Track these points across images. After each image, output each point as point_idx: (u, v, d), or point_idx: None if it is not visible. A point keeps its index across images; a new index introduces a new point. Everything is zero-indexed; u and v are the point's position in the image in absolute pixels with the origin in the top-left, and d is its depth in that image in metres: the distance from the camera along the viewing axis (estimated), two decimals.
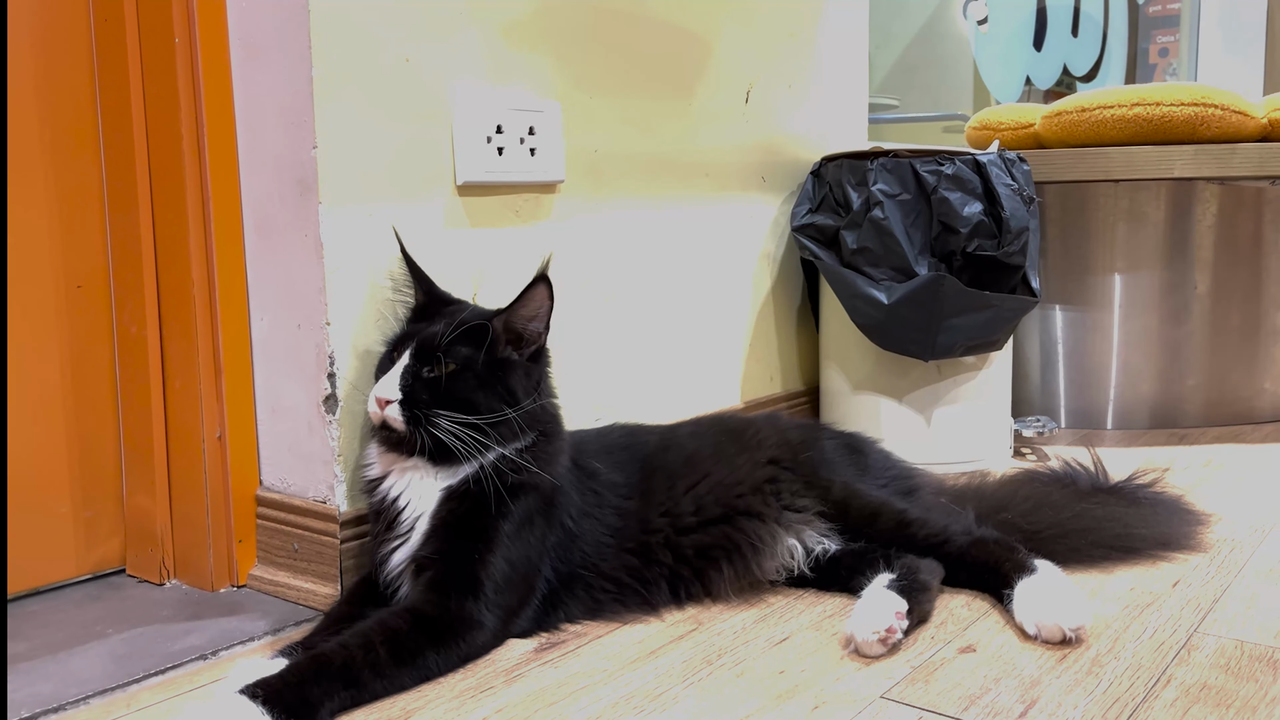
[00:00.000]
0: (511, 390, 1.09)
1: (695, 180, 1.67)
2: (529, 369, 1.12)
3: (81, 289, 1.26)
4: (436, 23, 1.27)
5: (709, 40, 1.67)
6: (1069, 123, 2.02)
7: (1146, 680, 0.98)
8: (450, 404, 1.06)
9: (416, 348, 1.08)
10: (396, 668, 0.96)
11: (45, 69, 1.22)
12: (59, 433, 1.26)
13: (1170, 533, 1.34)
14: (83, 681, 1.03)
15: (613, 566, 1.14)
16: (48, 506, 1.26)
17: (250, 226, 1.25)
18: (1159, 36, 4.66)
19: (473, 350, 1.08)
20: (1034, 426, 1.86)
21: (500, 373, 1.09)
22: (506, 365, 1.10)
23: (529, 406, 1.10)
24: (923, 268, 1.67)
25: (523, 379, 1.11)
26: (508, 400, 1.09)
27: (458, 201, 1.31)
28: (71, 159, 1.25)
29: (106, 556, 1.31)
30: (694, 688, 0.99)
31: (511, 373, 1.10)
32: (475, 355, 1.08)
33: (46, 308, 1.24)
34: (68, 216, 1.25)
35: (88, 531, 1.29)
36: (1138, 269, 2.02)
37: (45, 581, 1.26)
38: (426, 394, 1.06)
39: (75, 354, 1.27)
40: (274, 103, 1.20)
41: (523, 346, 1.12)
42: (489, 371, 1.09)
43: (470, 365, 1.08)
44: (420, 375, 1.07)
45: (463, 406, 1.06)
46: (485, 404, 1.07)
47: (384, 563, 1.08)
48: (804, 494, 1.22)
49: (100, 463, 1.30)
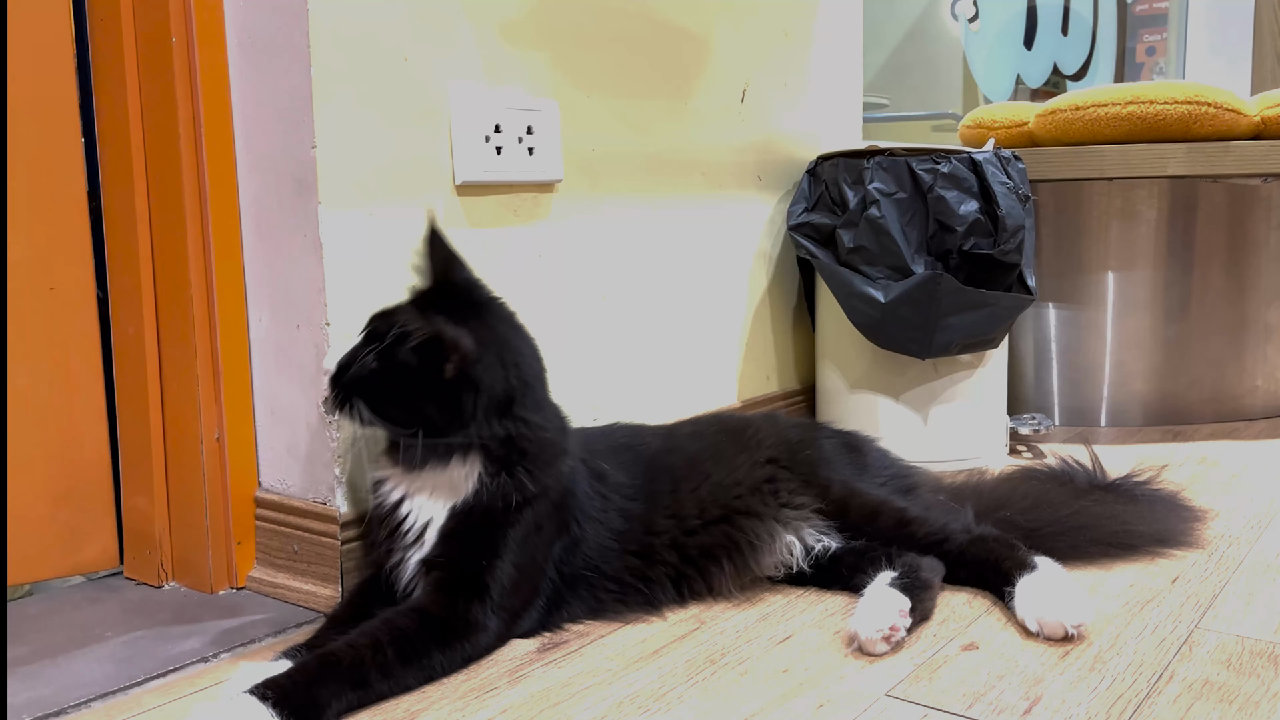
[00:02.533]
0: (427, 412, 1.03)
1: (692, 179, 1.67)
2: (448, 396, 1.03)
3: (54, 291, 1.24)
4: (434, 22, 1.26)
5: (705, 39, 1.67)
6: (1063, 121, 2.03)
7: (1149, 677, 0.99)
8: (370, 400, 1.04)
9: (368, 332, 1.07)
10: (403, 668, 0.96)
11: (38, 69, 1.21)
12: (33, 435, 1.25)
13: (1168, 529, 1.35)
14: (84, 685, 1.02)
15: (616, 568, 1.14)
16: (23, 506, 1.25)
17: (249, 227, 1.24)
18: (1147, 35, 4.69)
19: (409, 355, 1.02)
20: (1029, 424, 1.87)
21: (422, 390, 1.03)
22: (431, 384, 1.03)
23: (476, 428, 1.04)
24: (919, 266, 1.67)
25: (439, 407, 1.03)
26: (422, 418, 1.04)
27: (456, 201, 1.30)
28: (48, 161, 1.23)
29: (91, 559, 1.30)
30: (698, 687, 0.99)
31: (433, 394, 1.03)
32: (409, 361, 1.02)
33: (18, 310, 1.22)
34: (44, 218, 1.23)
35: (69, 533, 1.27)
36: (1132, 267, 2.02)
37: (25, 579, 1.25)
38: (352, 380, 1.05)
39: (51, 357, 1.25)
40: (272, 102, 1.19)
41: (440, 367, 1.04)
42: (413, 383, 1.03)
43: (399, 370, 1.03)
44: (359, 358, 1.05)
45: (377, 408, 1.04)
46: (401, 415, 1.04)
47: (396, 570, 1.07)
48: (802, 492, 1.23)
49: (86, 464, 1.28)
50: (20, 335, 1.22)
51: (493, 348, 1.06)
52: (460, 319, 1.04)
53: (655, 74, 1.59)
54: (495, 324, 1.10)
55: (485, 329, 1.07)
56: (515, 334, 1.12)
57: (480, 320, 1.08)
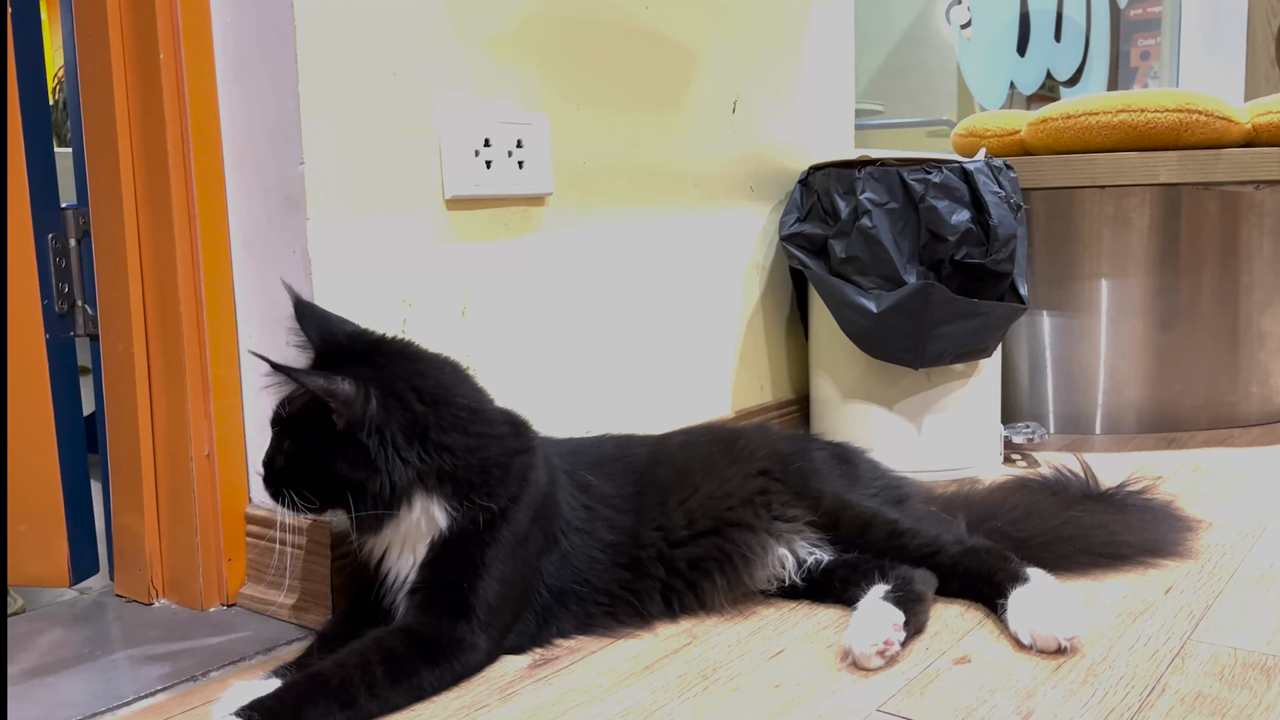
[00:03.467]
0: (337, 476, 1.00)
1: (683, 191, 1.67)
2: (354, 450, 0.99)
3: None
4: (423, 38, 1.26)
5: (695, 51, 1.67)
6: (1055, 129, 2.03)
7: (1141, 690, 0.99)
8: (296, 487, 1.01)
9: (273, 415, 1.04)
10: (392, 687, 0.96)
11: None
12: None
13: (1159, 539, 1.35)
14: (72, 705, 1.02)
15: (605, 580, 1.14)
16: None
17: (238, 243, 1.24)
18: (1140, 40, 4.69)
19: (310, 427, 1.01)
20: (1024, 433, 1.87)
21: (337, 454, 1.00)
22: (326, 451, 1.00)
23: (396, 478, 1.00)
24: (911, 276, 1.67)
25: (351, 464, 0.99)
26: (341, 485, 1.00)
27: (446, 215, 1.30)
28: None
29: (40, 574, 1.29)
30: (690, 703, 0.99)
31: (336, 456, 0.99)
32: (305, 429, 1.01)
33: None
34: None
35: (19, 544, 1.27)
36: (1124, 274, 2.03)
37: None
38: (278, 471, 1.03)
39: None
40: (260, 119, 1.19)
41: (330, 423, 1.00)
42: (316, 448, 1.01)
43: (304, 440, 1.01)
44: (279, 450, 1.03)
45: (304, 493, 1.01)
46: (325, 490, 1.01)
47: (390, 608, 1.07)
48: (794, 504, 1.22)
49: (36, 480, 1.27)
50: None
51: (378, 383, 1.00)
52: (338, 370, 1.00)
53: (646, 86, 1.59)
54: (383, 361, 1.05)
55: (369, 368, 1.02)
56: (409, 362, 1.06)
57: (363, 363, 1.03)
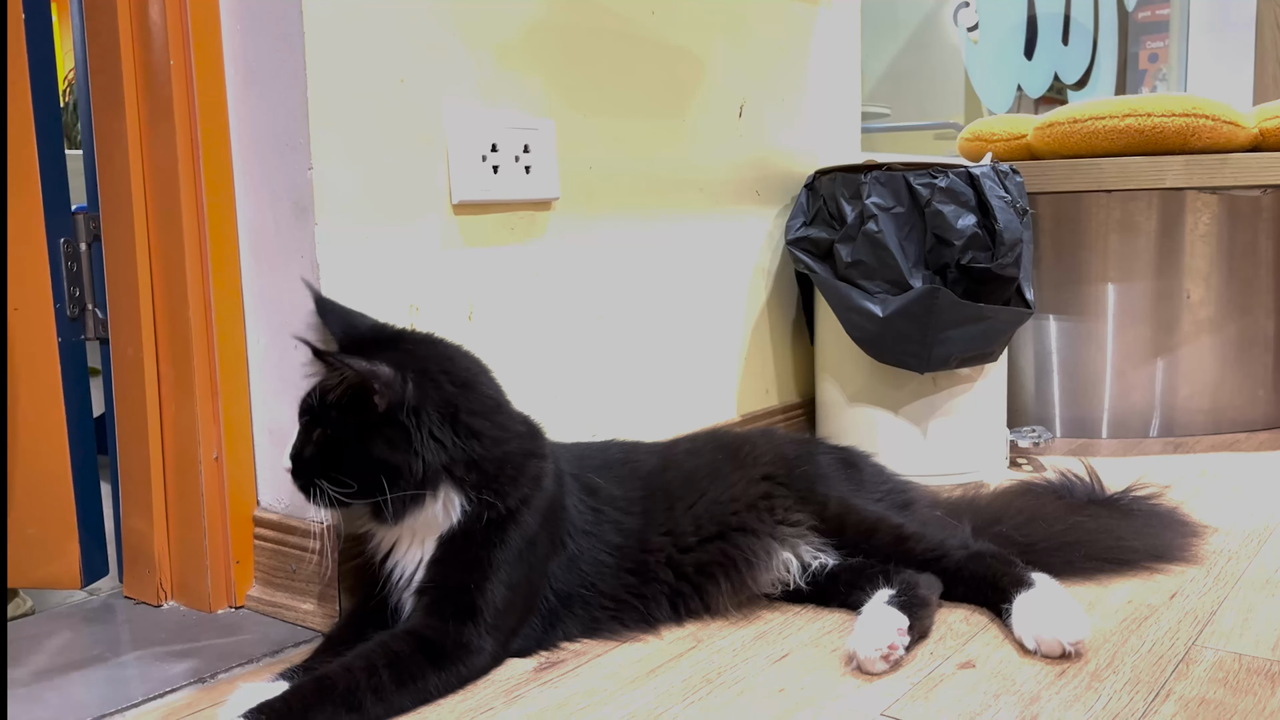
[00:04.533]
0: (387, 461, 1.00)
1: (689, 196, 1.68)
2: (392, 432, 1.01)
3: (18, 311, 1.24)
4: (430, 44, 1.27)
5: (701, 58, 1.67)
6: (1061, 134, 2.03)
7: (1145, 695, 0.99)
8: (330, 476, 1.02)
9: (301, 408, 1.05)
10: (398, 691, 0.96)
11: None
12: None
13: (1164, 544, 1.35)
14: (81, 706, 1.02)
15: (612, 585, 1.14)
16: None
17: (246, 249, 1.25)
18: (1149, 42, 4.69)
19: (344, 415, 1.01)
20: (1029, 437, 1.87)
21: (369, 443, 1.01)
22: (365, 435, 1.01)
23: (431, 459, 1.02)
24: (917, 280, 1.68)
25: (390, 448, 1.00)
26: (386, 469, 1.01)
27: (453, 221, 1.31)
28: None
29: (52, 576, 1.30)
30: (694, 707, 0.99)
31: (374, 441, 1.01)
32: (349, 420, 1.01)
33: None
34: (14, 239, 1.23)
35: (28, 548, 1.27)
36: (1131, 279, 2.03)
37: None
38: (309, 461, 1.03)
39: (12, 377, 1.24)
40: (269, 125, 1.20)
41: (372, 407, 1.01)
42: (361, 439, 1.01)
43: (344, 433, 1.02)
44: (308, 442, 1.03)
45: (339, 481, 1.01)
46: (360, 477, 1.01)
47: (395, 607, 1.08)
48: (799, 509, 1.22)
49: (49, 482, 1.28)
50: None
51: (412, 365, 1.03)
52: (374, 355, 1.02)
53: (652, 92, 1.59)
54: (410, 348, 1.07)
55: (400, 354, 1.04)
56: (434, 349, 1.09)
57: (393, 350, 1.05)
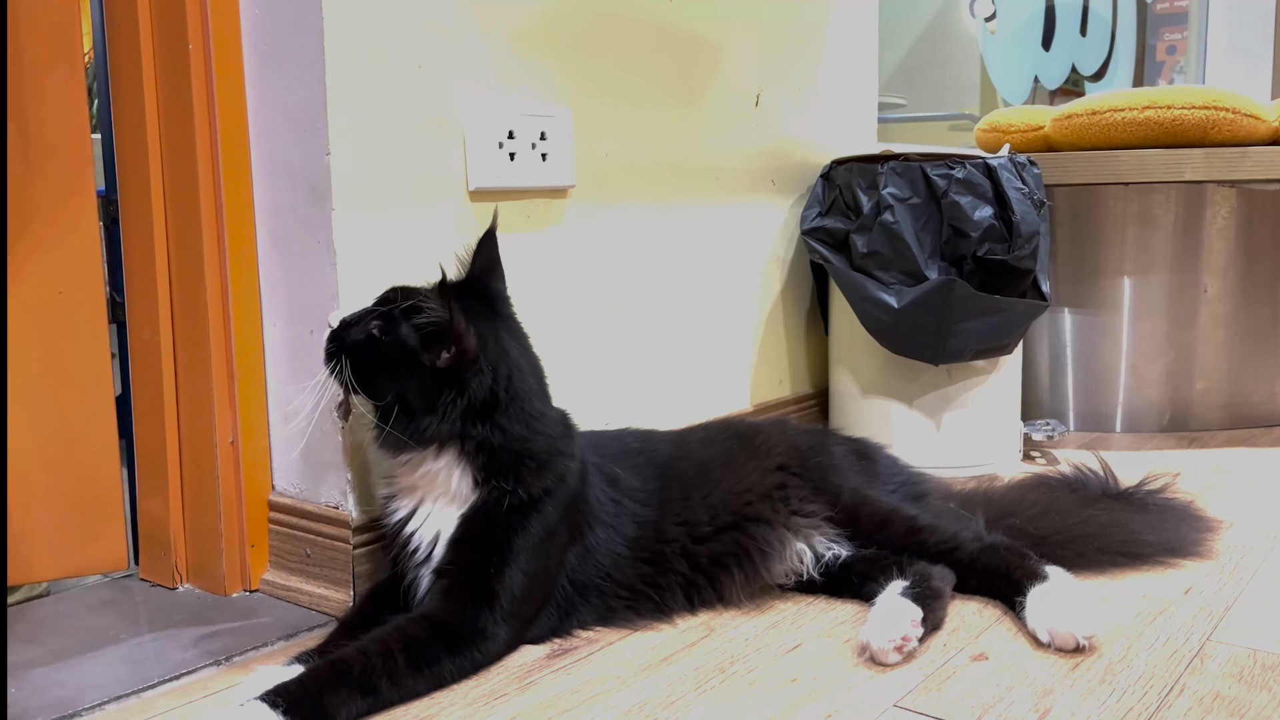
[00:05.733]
0: (410, 392, 1.04)
1: (704, 184, 1.67)
2: (430, 384, 1.04)
3: (63, 295, 1.25)
4: (447, 30, 1.27)
5: (718, 46, 1.67)
6: (1079, 125, 2.02)
7: (1160, 690, 0.98)
8: (354, 363, 1.05)
9: (381, 298, 1.08)
10: (413, 675, 0.97)
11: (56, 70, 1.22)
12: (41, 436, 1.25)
13: (1178, 539, 1.34)
14: (98, 687, 1.03)
15: (628, 575, 1.15)
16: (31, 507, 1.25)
17: (263, 233, 1.25)
18: (1167, 34, 4.65)
19: (408, 333, 1.04)
20: (1043, 430, 1.86)
21: (408, 370, 1.04)
22: (417, 366, 1.04)
23: (466, 423, 1.05)
24: (933, 271, 1.67)
25: (419, 391, 1.04)
26: (403, 397, 1.04)
27: (469, 207, 1.31)
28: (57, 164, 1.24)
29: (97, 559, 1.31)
30: (706, 695, 0.99)
31: (418, 376, 1.04)
32: (407, 338, 1.03)
33: (23, 312, 1.22)
34: (53, 221, 1.23)
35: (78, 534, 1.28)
36: (1147, 272, 2.01)
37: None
38: (349, 340, 1.06)
39: (57, 358, 1.25)
40: (287, 110, 1.20)
41: (435, 354, 1.04)
42: (402, 360, 1.04)
43: (394, 344, 1.04)
44: (363, 322, 1.06)
45: (360, 375, 1.05)
46: (382, 388, 1.05)
47: (411, 584, 1.08)
48: (813, 499, 1.22)
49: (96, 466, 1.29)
50: (24, 338, 1.23)
51: (492, 355, 1.06)
52: (475, 320, 1.05)
53: (668, 80, 1.59)
54: (505, 336, 1.10)
55: (494, 338, 1.08)
56: (521, 350, 1.12)
57: (493, 328, 1.09)
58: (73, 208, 1.24)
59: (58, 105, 1.21)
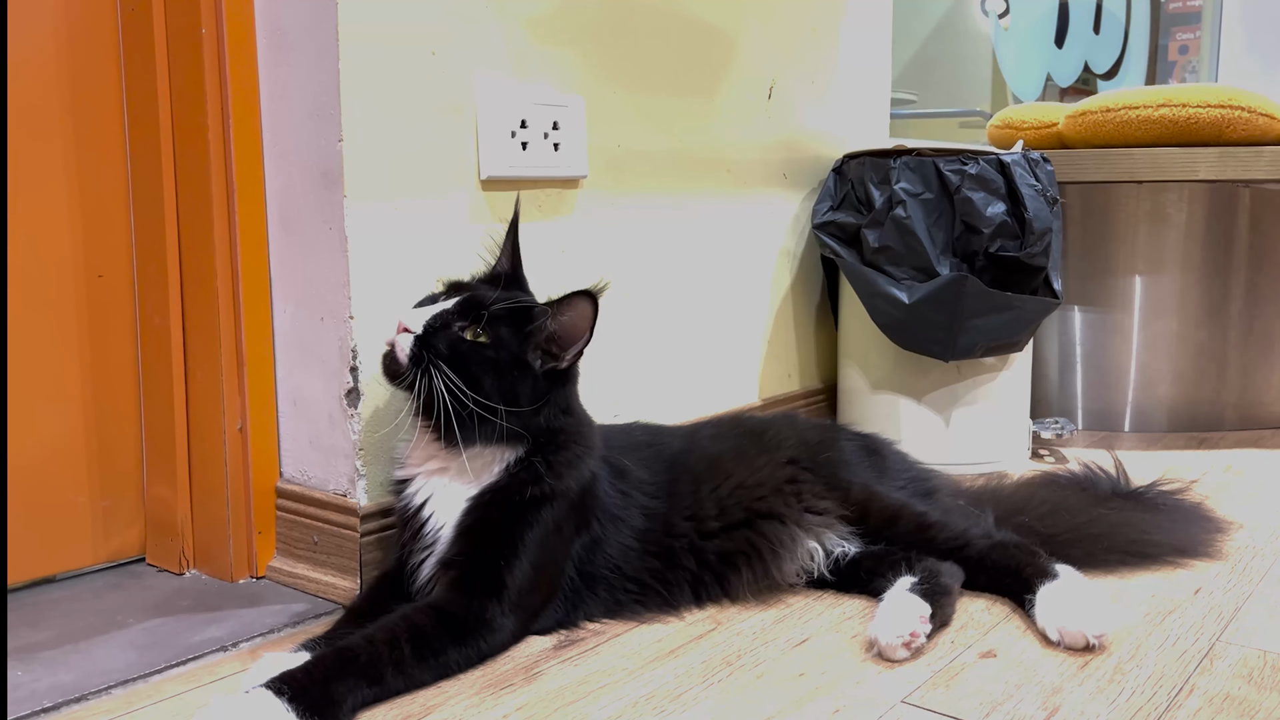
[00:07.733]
0: (516, 393, 1.06)
1: (716, 176, 1.67)
2: (539, 382, 1.08)
3: (103, 278, 1.26)
4: (462, 18, 1.26)
5: (732, 36, 1.66)
6: (1093, 123, 2.01)
7: (1169, 690, 0.98)
8: (457, 368, 1.04)
9: (464, 301, 1.07)
10: (419, 664, 0.96)
11: (70, 58, 1.22)
12: (77, 422, 1.26)
13: (1188, 539, 1.34)
14: (105, 671, 1.03)
15: (636, 569, 1.14)
16: (64, 494, 1.26)
17: (274, 219, 1.25)
18: (1180, 33, 4.63)
19: (509, 334, 1.06)
20: (1052, 428, 1.85)
21: (516, 371, 1.06)
22: (524, 367, 1.07)
23: (529, 417, 1.07)
24: (944, 267, 1.66)
25: (530, 388, 1.07)
26: (507, 399, 1.05)
27: (481, 196, 1.31)
28: (95, 148, 1.25)
29: (123, 546, 1.31)
30: (714, 688, 0.99)
31: (524, 377, 1.07)
32: (508, 340, 1.06)
33: (66, 297, 1.24)
34: (89, 206, 1.25)
35: (105, 521, 1.29)
36: (1159, 271, 2.00)
37: (61, 569, 1.27)
38: (444, 345, 1.04)
39: (95, 343, 1.26)
40: (300, 95, 1.19)
41: (547, 359, 1.09)
42: (509, 363, 1.06)
43: (497, 347, 1.06)
44: (450, 326, 1.05)
45: (466, 379, 1.03)
46: (487, 390, 1.04)
47: (415, 572, 1.08)
48: (825, 495, 1.22)
49: (120, 453, 1.30)
50: (66, 321, 1.23)
51: None
52: None
53: (682, 71, 1.58)
54: None
55: None
56: None
57: None
58: (108, 192, 1.24)
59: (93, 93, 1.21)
